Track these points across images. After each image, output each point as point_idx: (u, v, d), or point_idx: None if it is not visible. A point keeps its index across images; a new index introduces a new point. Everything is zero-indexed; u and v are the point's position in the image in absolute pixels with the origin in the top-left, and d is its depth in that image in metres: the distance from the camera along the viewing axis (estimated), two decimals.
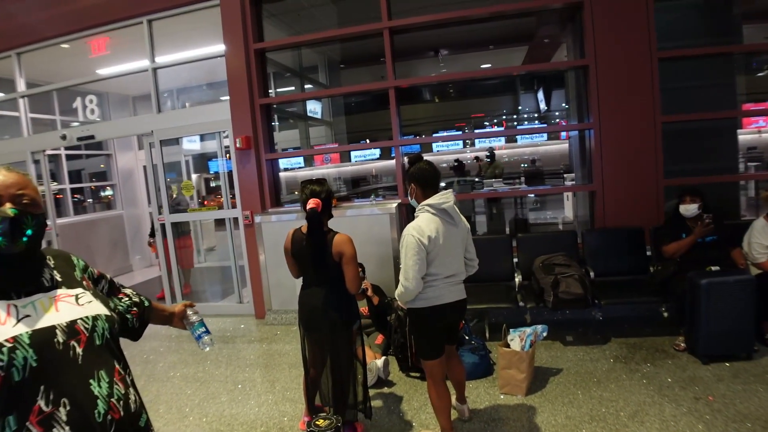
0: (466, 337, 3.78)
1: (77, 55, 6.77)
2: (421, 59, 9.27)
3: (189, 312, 1.79)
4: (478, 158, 11.32)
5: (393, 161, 5.44)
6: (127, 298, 1.66)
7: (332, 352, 2.90)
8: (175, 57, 5.98)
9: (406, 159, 3.00)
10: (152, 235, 7.27)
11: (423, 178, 2.68)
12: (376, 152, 12.09)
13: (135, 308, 1.65)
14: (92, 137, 6.44)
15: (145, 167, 9.76)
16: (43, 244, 1.39)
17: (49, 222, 6.79)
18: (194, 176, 10.22)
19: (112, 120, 8.14)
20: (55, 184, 8.61)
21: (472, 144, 12.36)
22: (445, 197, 2.62)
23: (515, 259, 4.69)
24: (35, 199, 1.30)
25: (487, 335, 4.32)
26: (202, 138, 8.48)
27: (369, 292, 3.58)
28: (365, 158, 12.54)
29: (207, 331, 1.77)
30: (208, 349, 1.78)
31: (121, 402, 1.24)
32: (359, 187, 11.14)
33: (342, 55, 8.41)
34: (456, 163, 9.71)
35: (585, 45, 4.74)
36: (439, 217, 2.60)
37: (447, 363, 2.85)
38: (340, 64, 8.67)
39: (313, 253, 2.79)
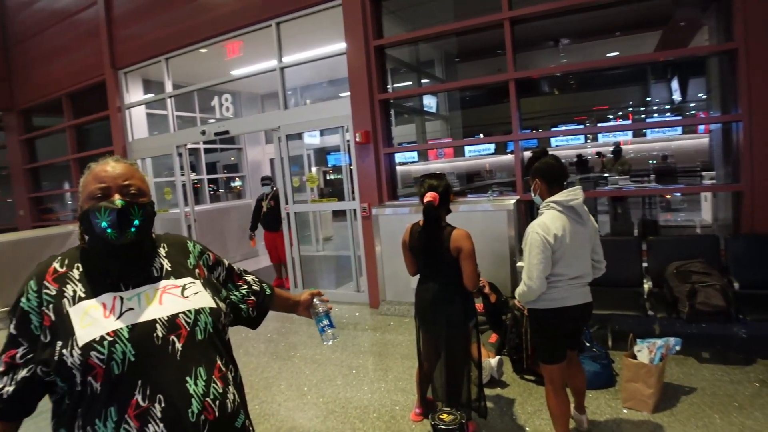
0: (587, 344, 3.58)
1: (215, 58, 7.43)
2: (540, 50, 8.89)
3: (316, 301, 1.71)
4: (601, 154, 10.64)
5: (508, 156, 5.30)
6: (246, 286, 1.61)
7: (447, 347, 2.91)
8: (299, 56, 6.32)
9: (530, 154, 2.89)
10: (253, 228, 7.50)
11: (549, 174, 2.58)
12: (491, 147, 11.84)
13: (253, 297, 1.60)
14: (227, 132, 7.04)
15: (271, 160, 10.51)
16: (171, 229, 1.39)
17: (187, 209, 7.55)
18: (314, 169, 10.74)
19: (243, 117, 8.80)
20: (194, 174, 9.53)
21: (594, 138, 11.63)
22: (573, 194, 2.49)
23: (644, 264, 4.34)
24: (142, 188, 1.29)
25: (610, 343, 4.05)
26: (322, 133, 8.89)
27: (486, 290, 3.53)
28: (479, 153, 12.35)
29: (331, 324, 1.69)
30: (330, 343, 1.68)
31: (217, 402, 1.20)
32: (473, 182, 11.00)
33: (458, 49, 8.33)
34: (578, 159, 9.22)
35: (733, 26, 4.22)
36: (565, 215, 2.49)
37: (567, 369, 2.73)
38: (456, 58, 8.60)
39: (429, 247, 2.81)
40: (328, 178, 12.73)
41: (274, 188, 7.09)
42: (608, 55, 9.32)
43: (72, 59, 8.86)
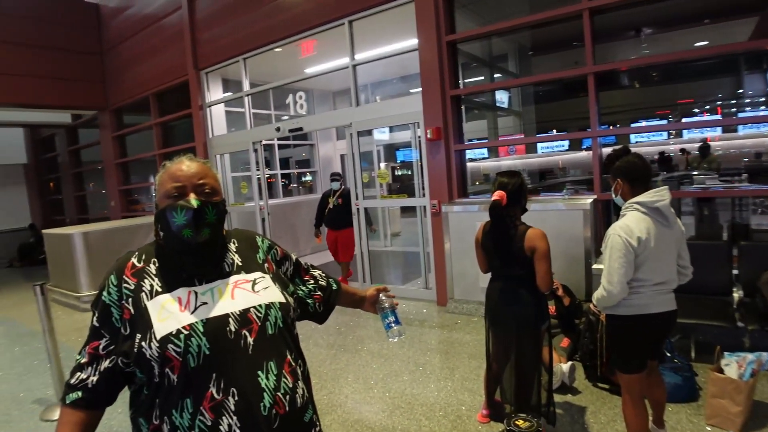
0: (668, 354, 3.39)
1: (289, 57, 7.65)
2: (620, 41, 8.44)
3: (382, 297, 1.69)
4: (685, 151, 9.97)
5: (582, 153, 5.07)
6: (312, 281, 1.62)
7: (517, 349, 2.85)
8: (371, 53, 6.38)
9: (609, 151, 2.76)
10: (318, 224, 7.30)
11: (632, 173, 2.45)
12: (564, 143, 11.41)
13: (319, 292, 1.61)
14: (300, 129, 7.23)
15: (342, 156, 10.71)
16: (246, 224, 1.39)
17: (261, 203, 7.84)
18: (382, 165, 10.83)
19: (316, 114, 9.01)
20: (269, 169, 9.88)
21: (678, 135, 10.90)
22: (659, 195, 2.35)
23: (735, 271, 4.03)
24: (215, 187, 1.31)
25: (693, 355, 3.80)
26: (391, 129, 8.94)
27: (559, 292, 3.42)
28: (552, 149, 11.94)
29: (397, 321, 1.65)
30: (395, 339, 1.66)
31: (288, 396, 1.22)
32: (545, 180, 10.66)
33: (532, 42, 8.08)
34: (660, 156, 8.69)
35: None
36: (650, 217, 2.35)
37: (647, 380, 2.59)
38: (530, 51, 8.34)
39: (501, 246, 2.77)
40: (396, 173, 12.79)
41: (343, 186, 7.05)
42: (697, 44, 8.70)
43: (158, 61, 9.45)
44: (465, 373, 3.93)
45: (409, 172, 11.06)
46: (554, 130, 10.98)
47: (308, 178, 11.78)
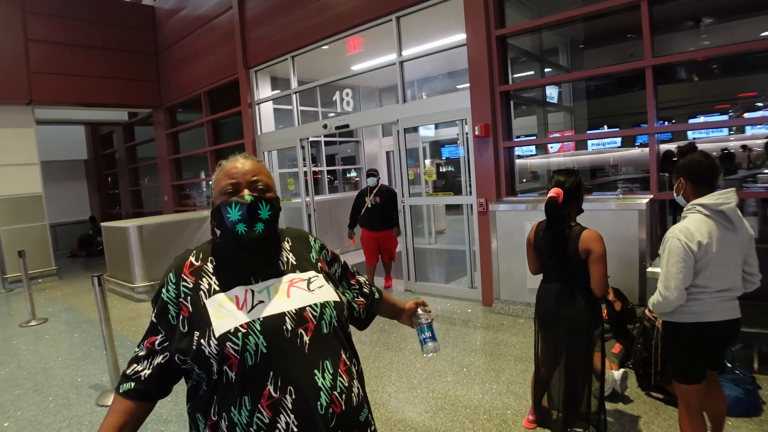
0: (729, 365, 3.20)
1: (336, 54, 7.70)
2: (678, 32, 8.03)
3: (420, 311, 1.68)
4: (747, 147, 9.38)
5: (636, 150, 4.84)
6: (357, 287, 1.62)
7: (568, 354, 2.75)
8: (418, 50, 6.32)
9: (675, 148, 2.63)
10: (353, 225, 6.84)
11: (697, 173, 2.31)
12: (616, 140, 10.97)
13: (362, 299, 1.61)
14: (347, 126, 7.26)
15: (387, 152, 10.71)
16: (293, 223, 1.40)
17: (307, 199, 7.93)
18: (427, 162, 10.75)
19: (363, 111, 9.03)
20: (315, 166, 9.99)
21: (740, 130, 10.27)
22: (725, 197, 2.21)
23: None
24: (268, 184, 1.32)
25: (756, 366, 3.58)
26: (437, 126, 8.85)
27: (611, 296, 3.29)
28: (603, 146, 11.50)
29: (433, 337, 1.64)
30: (430, 355, 1.64)
31: (344, 395, 1.23)
32: (596, 178, 10.29)
33: (585, 35, 7.80)
34: (723, 154, 8.23)
35: None
36: (713, 220, 2.21)
37: (705, 391, 2.45)
38: (582, 44, 8.06)
39: (555, 247, 2.67)
40: (441, 170, 12.69)
41: (380, 182, 6.66)
42: (764, 34, 8.17)
43: (210, 60, 9.70)
44: (511, 376, 3.84)
45: (453, 169, 10.94)
46: (605, 126, 10.57)
47: (353, 174, 11.84)
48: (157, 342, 1.26)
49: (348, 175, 12.72)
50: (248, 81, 8.75)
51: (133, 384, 1.26)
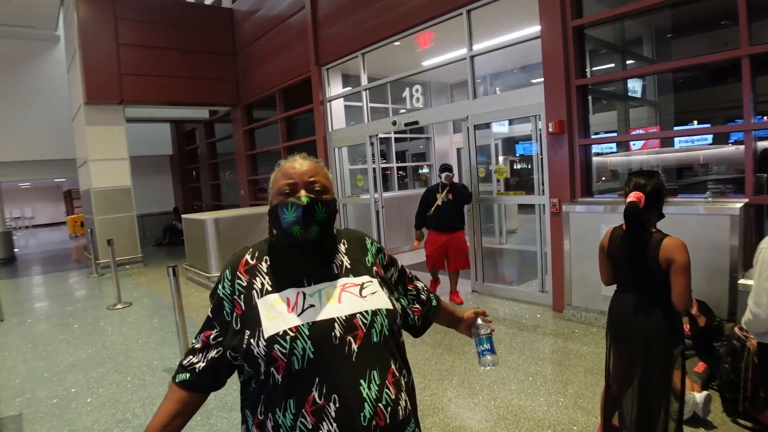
0: None
1: (406, 50, 7.63)
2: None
3: (479, 321, 1.60)
4: None
5: (730, 148, 4.36)
6: (414, 292, 1.56)
7: (643, 372, 2.52)
8: (490, 43, 6.12)
9: None
10: (420, 225, 6.11)
11: None
12: (707, 136, 10.10)
13: (418, 305, 1.55)
14: (416, 123, 7.18)
15: (458, 149, 10.53)
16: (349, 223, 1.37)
17: (376, 195, 7.93)
18: (500, 159, 10.46)
19: (432, 107, 8.91)
20: (385, 162, 10.00)
21: None
22: None
23: None
24: (326, 185, 1.31)
25: None
26: (510, 122, 8.56)
27: (694, 310, 2.99)
28: (692, 143, 10.64)
29: (492, 350, 1.55)
30: (487, 368, 1.56)
31: (389, 408, 1.18)
32: (683, 178, 9.54)
33: (672, 23, 7.22)
34: None
35: None
36: None
37: None
38: (668, 34, 7.47)
39: (630, 254, 2.46)
40: (515, 167, 12.30)
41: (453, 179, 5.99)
42: None
43: (284, 59, 9.95)
44: (579, 389, 3.62)
45: (529, 166, 10.55)
46: (695, 122, 9.78)
47: (425, 170, 11.74)
48: (212, 336, 1.28)
49: (420, 171, 12.64)
50: (320, 78, 8.88)
51: (188, 375, 1.28)
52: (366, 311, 1.23)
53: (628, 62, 6.97)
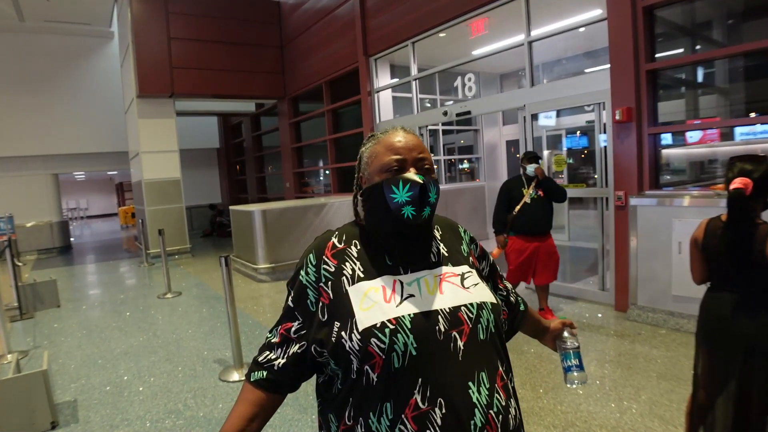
0: None
1: (458, 38, 7.39)
2: None
3: (566, 334, 1.43)
4: None
5: None
6: (504, 293, 1.42)
7: (741, 380, 2.25)
8: (549, 28, 5.81)
9: None
10: (503, 228, 4.99)
11: None
12: None
13: (507, 309, 1.41)
14: (468, 113, 6.94)
15: (507, 142, 10.20)
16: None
17: None
18: (546, 152, 10.07)
19: (482, 97, 8.64)
20: (433, 155, 9.79)
21: None
22: None
23: None
24: (433, 164, 1.17)
25: None
26: (558, 114, 8.20)
27: None
28: (754, 136, 9.94)
29: (581, 366, 1.39)
30: (575, 385, 1.41)
31: (500, 416, 1.03)
32: None
33: (745, 4, 6.69)
34: None
35: None
36: None
37: None
38: (743, 16, 6.93)
39: (733, 248, 2.19)
40: (569, 161, 11.84)
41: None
42: None
43: (331, 51, 9.87)
44: (653, 395, 3.34)
45: (572, 161, 10.11)
46: (754, 113, 9.09)
47: (464, 165, 11.44)
48: (293, 329, 1.13)
49: (461, 165, 12.36)
50: (368, 69, 8.74)
51: (265, 373, 1.14)
52: (471, 304, 1.09)
53: (697, 47, 6.51)
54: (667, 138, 5.24)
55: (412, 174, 1.10)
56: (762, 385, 2.22)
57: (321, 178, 12.48)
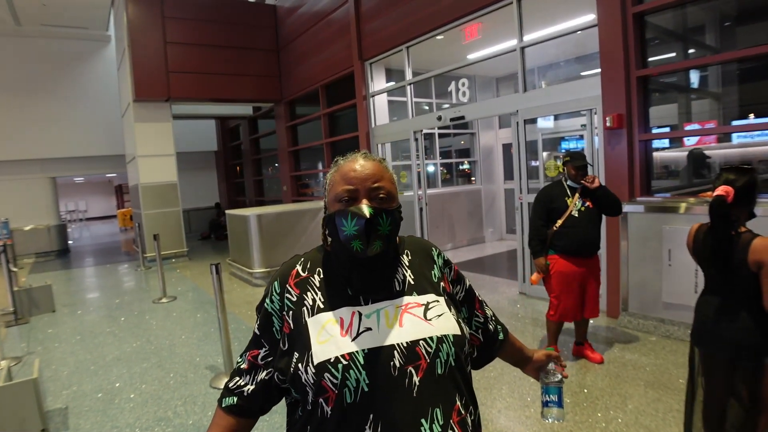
0: None
1: (452, 43, 7.41)
2: None
3: (551, 367, 1.39)
4: None
5: None
6: (482, 320, 1.36)
7: (729, 380, 2.27)
8: (541, 33, 5.82)
9: None
10: (540, 250, 4.02)
11: None
12: None
13: (481, 337, 1.36)
14: (462, 118, 6.95)
15: (503, 145, 10.21)
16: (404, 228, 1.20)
17: (419, 192, 7.74)
18: (544, 155, 10.08)
19: (478, 101, 8.65)
20: (429, 159, 9.81)
21: None
22: None
23: None
24: (391, 192, 1.14)
25: None
26: (556, 117, 8.21)
27: None
28: (751, 138, 9.92)
29: (560, 403, 1.34)
30: (549, 421, 1.39)
31: None
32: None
33: (737, 9, 6.70)
34: None
35: None
36: None
37: None
38: (735, 20, 6.93)
39: (714, 254, 2.25)
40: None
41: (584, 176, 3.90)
42: None
43: (326, 55, 9.88)
44: (640, 404, 3.34)
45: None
46: (751, 115, 9.09)
47: (465, 166, 11.44)
48: (260, 356, 1.15)
49: (461, 167, 12.37)
50: (363, 73, 8.75)
51: (235, 399, 1.16)
52: (431, 338, 1.07)
53: (689, 51, 6.51)
54: (662, 141, 5.25)
55: (361, 206, 1.08)
56: (747, 388, 2.23)
57: (320, 179, 12.50)
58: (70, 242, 15.06)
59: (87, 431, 3.51)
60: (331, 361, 1.02)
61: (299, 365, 1.05)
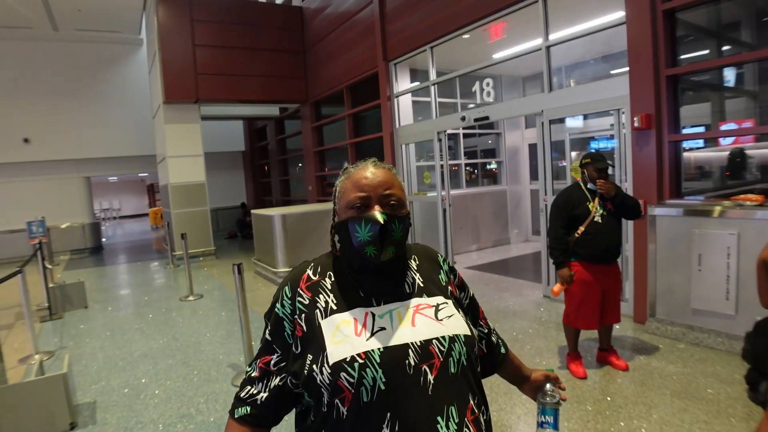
0: None
1: (477, 42, 7.34)
2: None
3: (548, 388, 1.35)
4: None
5: None
6: (486, 330, 1.40)
7: None
8: (567, 32, 5.71)
9: None
10: (563, 258, 3.82)
11: None
12: None
13: (485, 348, 1.39)
14: (487, 118, 6.88)
15: (530, 145, 10.08)
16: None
17: (443, 193, 7.70)
18: (573, 154, 9.91)
19: (504, 101, 8.56)
20: (453, 159, 9.74)
21: None
22: None
23: None
24: (401, 199, 1.17)
25: None
26: (586, 117, 8.05)
27: None
28: None
29: (555, 425, 1.30)
30: None
31: None
32: None
33: None
34: None
35: None
36: None
37: None
38: None
39: None
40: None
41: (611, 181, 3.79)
42: None
43: (351, 55, 9.92)
44: (665, 414, 3.24)
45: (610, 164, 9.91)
46: None
47: (493, 165, 11.33)
48: (272, 362, 1.15)
49: (488, 166, 12.25)
50: (387, 74, 8.75)
51: (249, 408, 1.15)
52: (443, 337, 1.09)
53: (723, 48, 6.29)
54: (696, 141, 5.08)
55: (375, 213, 1.11)
56: None
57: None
58: (103, 240, 15.51)
59: (113, 425, 3.60)
60: (347, 360, 1.03)
61: (314, 366, 1.06)
